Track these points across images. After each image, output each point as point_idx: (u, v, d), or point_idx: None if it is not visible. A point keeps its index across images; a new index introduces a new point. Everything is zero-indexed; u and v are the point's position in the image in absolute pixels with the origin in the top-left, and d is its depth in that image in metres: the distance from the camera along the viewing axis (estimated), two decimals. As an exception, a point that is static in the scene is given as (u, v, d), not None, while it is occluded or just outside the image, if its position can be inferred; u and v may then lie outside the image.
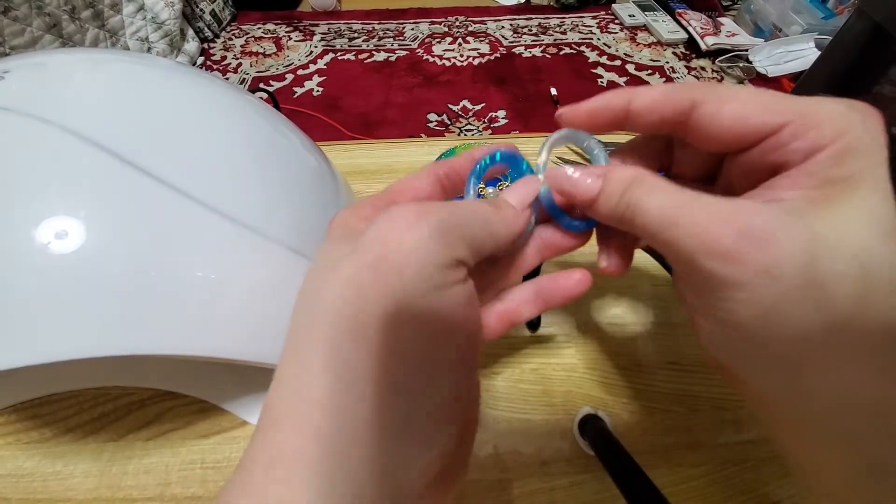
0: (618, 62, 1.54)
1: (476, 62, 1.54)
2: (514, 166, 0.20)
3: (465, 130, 1.30)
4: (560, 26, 1.72)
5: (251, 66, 1.52)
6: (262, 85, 1.43)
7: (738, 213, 0.13)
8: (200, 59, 1.53)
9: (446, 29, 1.71)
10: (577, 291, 0.19)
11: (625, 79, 1.46)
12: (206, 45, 1.59)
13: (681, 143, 0.18)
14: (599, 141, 0.19)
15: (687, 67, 1.51)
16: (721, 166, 0.18)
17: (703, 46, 1.51)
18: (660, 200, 0.14)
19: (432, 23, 1.74)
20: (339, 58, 1.56)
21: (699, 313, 0.15)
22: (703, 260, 0.13)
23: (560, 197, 0.18)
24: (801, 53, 1.35)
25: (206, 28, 1.59)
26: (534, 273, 0.21)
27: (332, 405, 0.13)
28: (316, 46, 1.61)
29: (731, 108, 0.15)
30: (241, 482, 0.12)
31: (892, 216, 0.13)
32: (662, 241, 0.14)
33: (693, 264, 0.14)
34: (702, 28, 1.55)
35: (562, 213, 0.18)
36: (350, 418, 0.13)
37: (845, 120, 0.13)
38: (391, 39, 1.65)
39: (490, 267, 0.19)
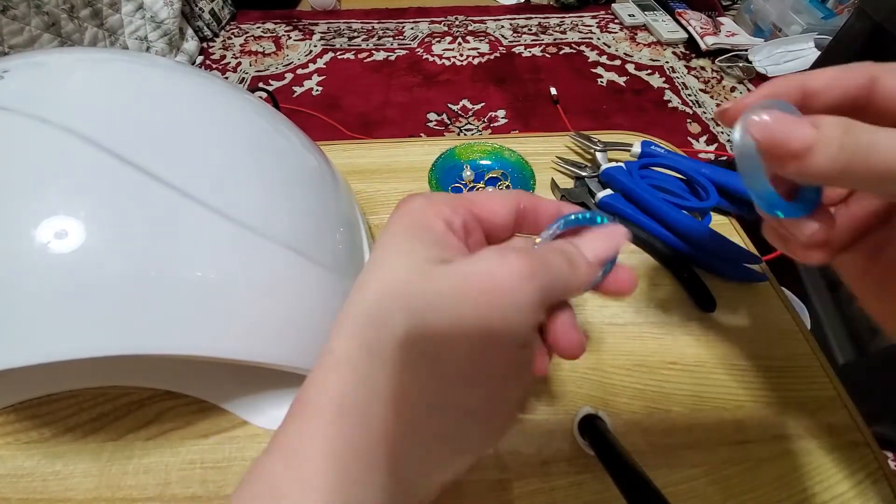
0: (617, 62, 1.53)
1: (476, 62, 1.54)
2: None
3: (465, 130, 1.29)
4: (560, 26, 1.71)
5: (250, 65, 1.52)
6: (261, 84, 1.43)
7: None
8: (199, 59, 1.53)
9: (446, 28, 1.70)
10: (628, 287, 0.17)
11: (624, 78, 1.46)
12: (205, 45, 1.59)
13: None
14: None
15: (687, 67, 1.51)
16: None
17: (702, 46, 1.51)
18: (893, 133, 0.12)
19: (432, 22, 1.74)
20: (339, 57, 1.56)
21: None
22: None
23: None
24: (800, 53, 1.36)
25: (205, 27, 1.59)
26: None
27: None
28: (315, 46, 1.61)
29: None
30: (259, 476, 0.13)
31: None
32: None
33: None
34: (701, 28, 1.55)
35: (778, 197, 0.15)
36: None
37: None
38: (391, 39, 1.65)
39: None
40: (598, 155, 0.43)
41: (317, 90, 1.42)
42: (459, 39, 1.64)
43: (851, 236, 0.18)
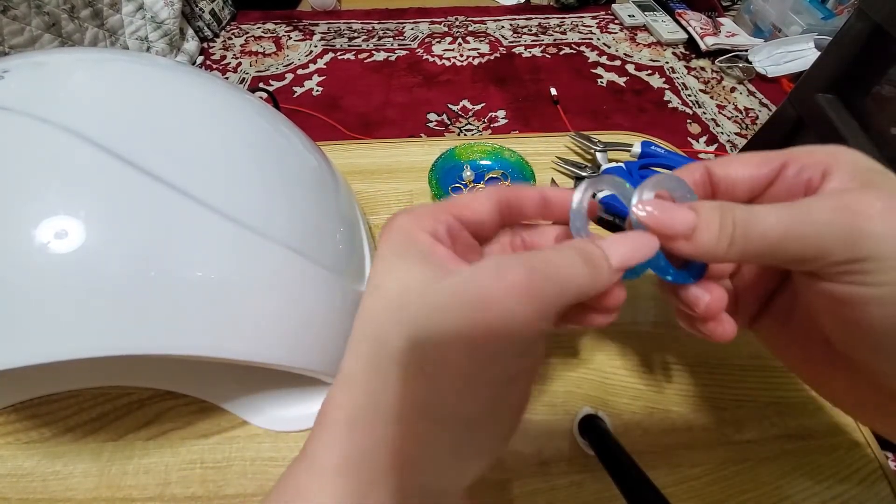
0: (617, 62, 1.54)
1: (476, 62, 1.54)
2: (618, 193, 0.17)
3: (465, 130, 1.29)
4: (560, 26, 1.72)
5: (251, 65, 1.52)
6: (261, 84, 1.43)
7: (854, 202, 0.13)
8: (200, 59, 1.53)
9: (446, 29, 1.70)
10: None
11: (625, 79, 1.46)
12: (205, 45, 1.59)
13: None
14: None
15: (687, 68, 1.51)
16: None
17: (702, 47, 1.51)
18: (773, 217, 0.14)
19: (432, 22, 1.74)
20: (339, 57, 1.56)
21: (827, 316, 0.15)
22: (842, 252, 0.13)
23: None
24: (800, 54, 1.36)
25: (205, 27, 1.59)
26: None
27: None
28: (316, 46, 1.61)
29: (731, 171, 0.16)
30: (287, 479, 0.15)
31: None
32: (788, 257, 0.14)
33: (829, 272, 0.14)
34: (701, 28, 1.55)
35: (668, 264, 0.16)
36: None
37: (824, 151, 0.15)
38: (391, 39, 1.65)
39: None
40: (598, 155, 0.43)
41: (317, 90, 1.42)
42: (459, 40, 1.64)
43: (757, 303, 0.20)
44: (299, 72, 1.49)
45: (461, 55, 1.57)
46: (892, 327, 0.13)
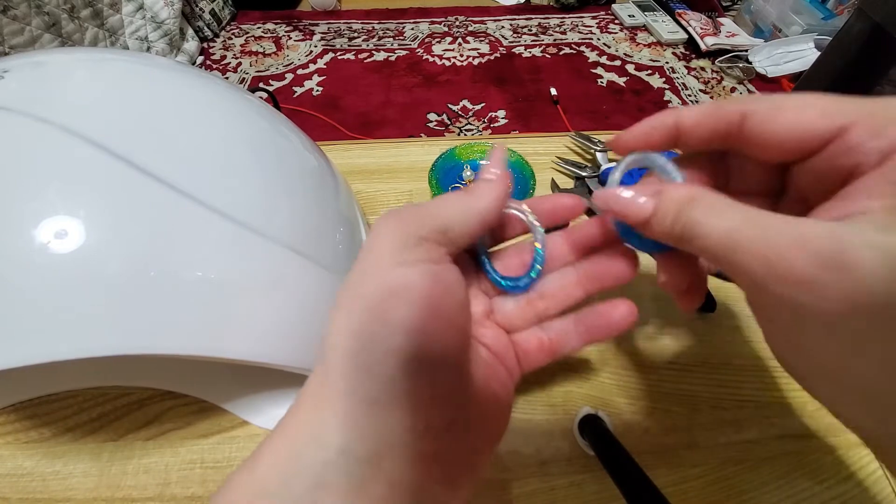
0: (618, 62, 1.54)
1: (476, 62, 1.54)
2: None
3: (465, 130, 1.29)
4: (560, 26, 1.72)
5: (251, 65, 1.52)
6: (261, 84, 1.43)
7: (812, 235, 0.12)
8: (200, 59, 1.53)
9: (446, 29, 1.71)
10: (623, 326, 0.19)
11: (624, 79, 1.46)
12: (205, 45, 1.59)
13: (738, 157, 0.17)
14: (674, 162, 0.18)
15: (687, 68, 1.51)
16: (787, 178, 0.17)
17: (702, 47, 1.51)
18: (720, 221, 0.13)
19: (432, 22, 1.74)
20: (339, 57, 1.56)
21: (772, 336, 0.15)
22: (774, 286, 0.12)
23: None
24: (800, 54, 1.36)
25: (205, 27, 1.59)
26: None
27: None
28: (316, 46, 1.61)
29: (785, 115, 0.14)
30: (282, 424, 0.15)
31: None
32: (726, 265, 0.13)
33: (763, 290, 0.13)
34: (701, 28, 1.55)
35: (633, 232, 0.17)
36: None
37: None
38: (391, 39, 1.65)
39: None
40: (598, 155, 0.43)
41: (317, 90, 1.42)
42: (459, 40, 1.64)
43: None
44: (299, 72, 1.49)
45: (461, 55, 1.57)
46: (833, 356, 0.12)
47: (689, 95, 1.40)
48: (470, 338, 0.17)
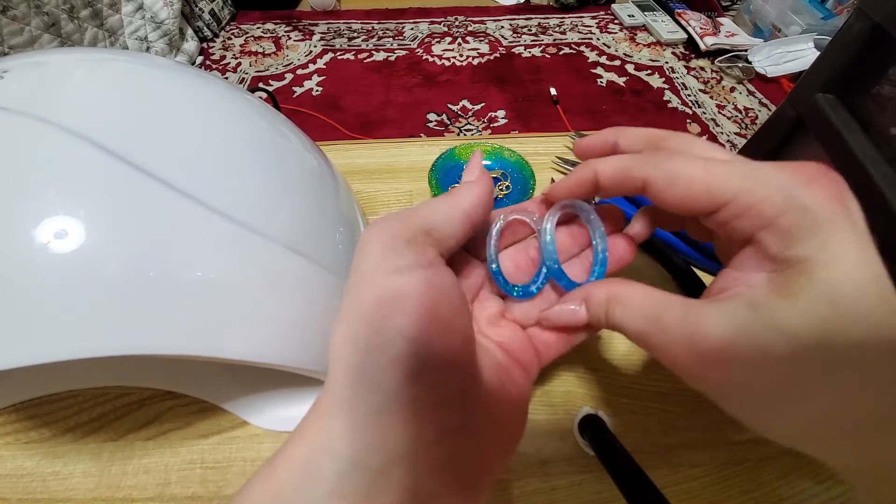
0: (617, 62, 1.54)
1: (475, 62, 1.54)
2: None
3: (465, 130, 1.30)
4: (559, 26, 1.72)
5: (250, 65, 1.52)
6: (261, 84, 1.43)
7: (696, 332, 0.15)
8: (199, 59, 1.53)
9: (446, 29, 1.71)
10: (627, 259, 0.20)
11: (624, 79, 1.46)
12: (205, 45, 1.59)
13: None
14: (595, 212, 0.20)
15: (686, 67, 1.51)
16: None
17: (702, 46, 1.51)
18: (632, 321, 0.17)
19: (432, 22, 1.74)
20: (339, 57, 1.56)
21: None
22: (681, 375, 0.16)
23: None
24: (800, 54, 1.36)
25: (205, 27, 1.59)
26: None
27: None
28: (315, 46, 1.61)
29: (675, 189, 0.16)
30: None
31: (856, 289, 0.13)
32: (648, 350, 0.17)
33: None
34: (701, 28, 1.56)
35: (563, 272, 0.20)
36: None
37: (783, 196, 0.14)
38: (391, 39, 1.65)
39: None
40: (598, 155, 0.43)
41: (317, 90, 1.42)
42: (459, 40, 1.65)
43: None
44: (299, 72, 1.49)
45: (461, 55, 1.57)
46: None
47: (689, 95, 1.40)
48: (473, 340, 0.17)
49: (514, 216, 0.20)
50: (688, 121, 1.31)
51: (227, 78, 1.46)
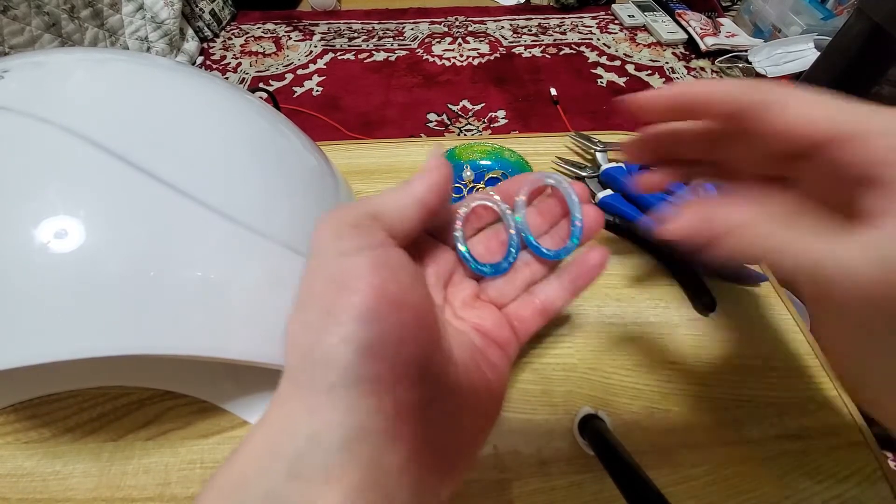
0: (617, 62, 1.54)
1: (476, 62, 1.54)
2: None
3: (465, 130, 1.30)
4: (560, 26, 1.72)
5: (251, 65, 1.52)
6: (261, 84, 1.43)
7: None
8: (200, 59, 1.53)
9: (446, 29, 1.71)
10: (599, 269, 0.21)
11: (624, 79, 1.46)
12: (205, 45, 1.59)
13: (745, 139, 0.18)
14: (567, 181, 0.21)
15: (686, 68, 1.51)
16: (793, 166, 0.17)
17: (702, 47, 1.51)
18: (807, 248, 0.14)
19: (432, 23, 1.74)
20: (339, 58, 1.56)
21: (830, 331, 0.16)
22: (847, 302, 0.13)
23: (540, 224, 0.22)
24: (800, 54, 1.36)
25: (205, 27, 1.59)
26: None
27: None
28: (316, 46, 1.61)
29: (792, 113, 0.15)
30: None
31: None
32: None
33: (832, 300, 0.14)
34: (701, 28, 1.55)
35: (539, 245, 0.21)
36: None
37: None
38: (391, 39, 1.65)
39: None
40: (598, 155, 0.43)
41: (317, 90, 1.42)
42: (459, 40, 1.65)
43: None
44: (299, 72, 1.49)
45: (461, 55, 1.57)
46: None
47: (689, 95, 1.40)
48: (431, 314, 0.17)
49: (479, 202, 0.21)
50: (688, 121, 1.31)
51: (227, 78, 1.46)
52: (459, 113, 1.35)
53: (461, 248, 0.20)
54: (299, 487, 0.13)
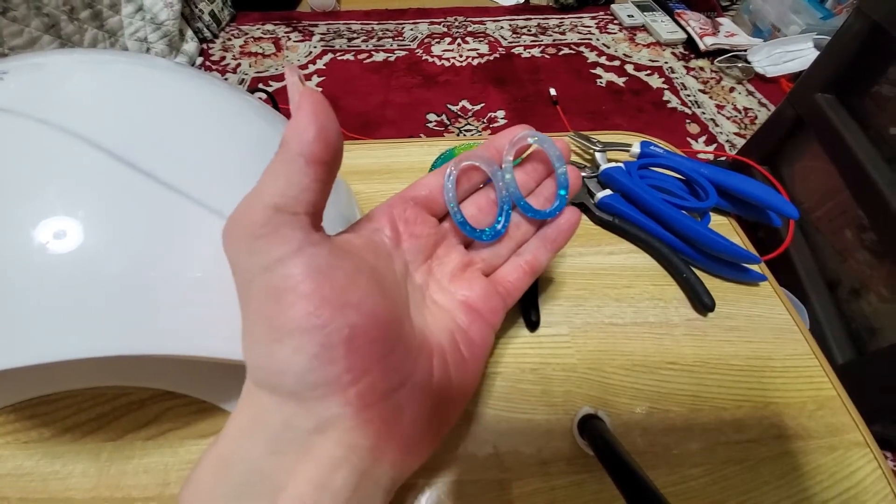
0: (617, 62, 1.54)
1: (475, 62, 1.54)
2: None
3: (465, 130, 1.30)
4: (559, 27, 1.72)
5: (250, 66, 1.52)
6: (261, 85, 1.43)
7: None
8: (199, 60, 1.53)
9: (445, 29, 1.71)
10: (571, 228, 0.23)
11: (624, 79, 1.46)
12: (205, 46, 1.59)
13: None
14: (550, 140, 0.22)
15: (686, 68, 1.51)
16: None
17: (701, 47, 1.51)
18: None
19: (431, 23, 1.74)
20: (339, 58, 1.56)
21: None
22: None
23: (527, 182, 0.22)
24: (799, 53, 1.36)
25: (204, 28, 1.59)
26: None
27: None
28: (315, 47, 1.61)
29: None
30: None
31: None
32: None
33: None
34: (700, 28, 1.56)
35: (529, 204, 0.21)
36: None
37: None
38: (390, 40, 1.65)
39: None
40: (598, 155, 0.43)
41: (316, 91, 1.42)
42: (459, 40, 1.65)
43: None
44: (299, 72, 1.49)
45: (460, 55, 1.57)
46: None
47: (688, 95, 1.40)
48: (389, 306, 0.17)
49: (467, 162, 0.21)
50: (687, 121, 1.31)
51: (226, 79, 1.46)
52: (459, 113, 1.35)
53: (458, 216, 0.20)
54: (280, 461, 0.14)
